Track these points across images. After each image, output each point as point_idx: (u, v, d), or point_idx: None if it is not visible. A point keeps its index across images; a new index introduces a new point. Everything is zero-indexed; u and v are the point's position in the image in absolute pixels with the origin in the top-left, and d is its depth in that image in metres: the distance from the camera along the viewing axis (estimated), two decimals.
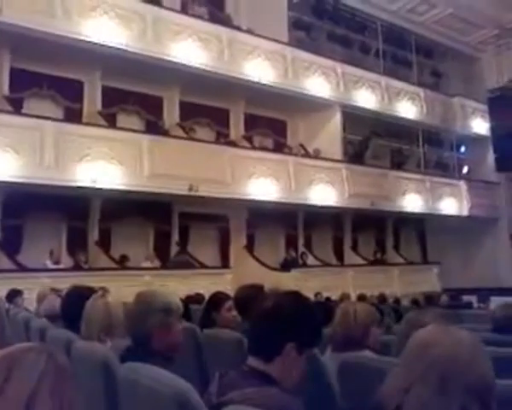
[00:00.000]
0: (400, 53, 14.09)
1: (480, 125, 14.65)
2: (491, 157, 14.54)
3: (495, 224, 14.03)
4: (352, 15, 12.88)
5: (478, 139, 14.62)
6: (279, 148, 11.49)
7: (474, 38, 14.61)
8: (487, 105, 14.51)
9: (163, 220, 9.54)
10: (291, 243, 11.21)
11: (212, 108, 10.54)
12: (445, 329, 1.11)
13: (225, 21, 10.65)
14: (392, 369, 1.14)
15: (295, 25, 11.82)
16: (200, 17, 10.11)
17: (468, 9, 13.18)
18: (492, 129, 14.45)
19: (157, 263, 9.11)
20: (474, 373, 1.03)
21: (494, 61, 14.80)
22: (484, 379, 1.04)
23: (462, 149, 14.99)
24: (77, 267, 8.14)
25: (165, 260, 9.30)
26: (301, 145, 11.74)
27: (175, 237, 9.64)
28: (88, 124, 8.56)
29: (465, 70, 15.20)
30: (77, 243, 8.59)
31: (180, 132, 9.63)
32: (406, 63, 14.17)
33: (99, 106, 9.08)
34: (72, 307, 2.63)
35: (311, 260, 11.04)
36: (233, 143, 10.25)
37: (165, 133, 9.44)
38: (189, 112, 10.09)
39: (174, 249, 9.57)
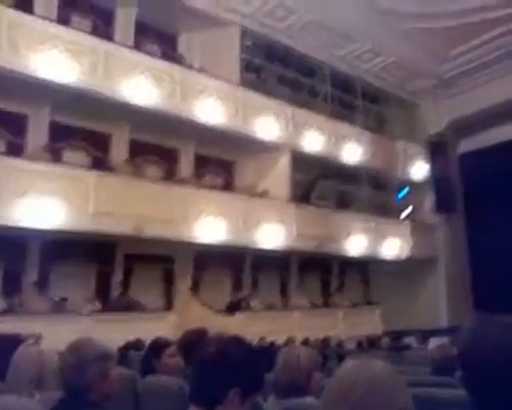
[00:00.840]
0: (347, 97, 14.63)
1: (421, 169, 15.31)
2: (429, 199, 15.23)
3: (434, 265, 14.58)
4: (302, 60, 13.33)
5: (418, 182, 15.26)
6: (228, 188, 11.54)
7: (414, 86, 15.43)
8: (427, 150, 15.28)
9: (106, 261, 9.28)
10: (237, 285, 11.17)
11: (162, 147, 10.50)
12: (361, 364, 1.10)
13: (178, 60, 10.77)
14: None
15: (247, 67, 12.07)
16: (152, 54, 10.18)
17: (410, 60, 14.01)
18: (431, 173, 15.18)
19: (98, 306, 8.78)
20: (394, 407, 1.03)
21: (433, 108, 15.65)
22: None
23: (404, 191, 15.56)
24: (10, 311, 7.62)
25: (106, 302, 9.00)
26: (250, 185, 11.85)
27: (118, 278, 9.38)
28: (30, 158, 8.22)
29: (407, 115, 15.98)
30: (11, 285, 8.11)
31: (128, 170, 9.51)
32: (352, 107, 14.73)
33: (45, 141, 8.85)
34: None
35: (257, 302, 11.02)
36: (182, 182, 10.19)
37: (113, 170, 9.29)
38: (139, 150, 9.99)
39: (116, 292, 9.31)
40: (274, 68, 12.84)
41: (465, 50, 13.46)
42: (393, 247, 13.55)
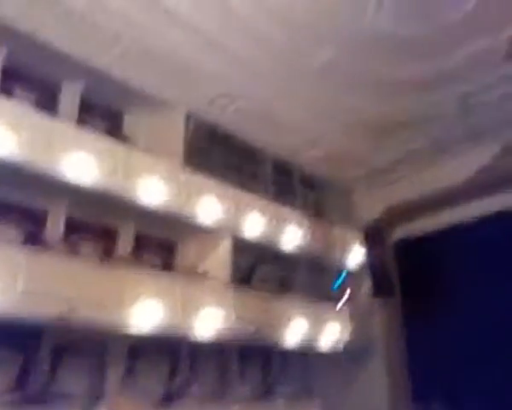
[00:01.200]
0: (287, 182, 15.06)
1: (358, 255, 15.68)
2: (367, 285, 15.50)
3: (373, 351, 14.59)
4: (245, 145, 13.67)
5: (356, 267, 15.57)
6: (168, 270, 11.21)
7: (350, 174, 16.17)
8: (362, 236, 15.76)
9: (32, 346, 8.49)
10: (174, 373, 10.55)
11: (100, 225, 10.15)
12: None
13: (122, 139, 10.70)
14: None
15: (189, 149, 12.17)
16: (96, 132, 10.06)
17: (346, 149, 14.79)
18: (367, 258, 15.57)
19: (19, 397, 7.94)
20: None
21: (368, 195, 16.36)
22: None
23: (342, 276, 15.79)
24: None
25: (29, 393, 8.14)
26: (191, 268, 11.58)
27: (44, 366, 8.56)
28: None
29: (344, 202, 16.59)
30: None
31: (63, 249, 9.01)
32: (292, 192, 15.13)
33: None
34: None
35: (195, 392, 10.44)
36: (119, 263, 9.77)
37: (47, 248, 8.77)
38: (75, 227, 9.58)
39: (41, 381, 8.46)
40: (217, 152, 13.06)
41: (399, 141, 14.42)
42: (333, 333, 13.47)
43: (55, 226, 9.35)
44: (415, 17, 9.94)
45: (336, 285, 15.45)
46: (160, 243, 11.41)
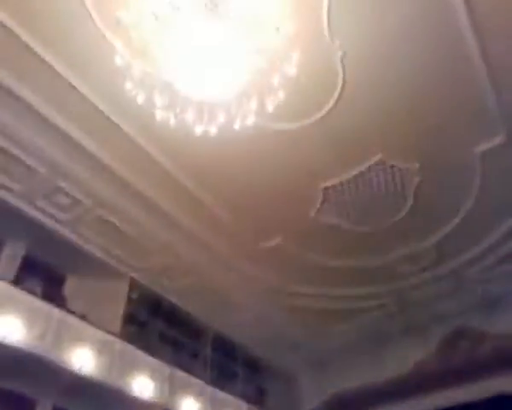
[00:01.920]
0: (228, 363, 14.46)
1: None
2: None
3: None
4: (187, 319, 13.33)
5: None
6: None
7: (294, 359, 15.77)
8: None
9: None
10: None
11: (15, 394, 9.12)
12: None
13: (59, 302, 10.26)
14: None
15: (130, 319, 11.75)
16: (31, 292, 9.62)
17: (290, 333, 14.68)
18: None
19: None
20: None
21: (310, 383, 15.84)
22: None
23: None
24: None
25: None
26: None
27: None
28: None
29: (286, 388, 15.92)
30: None
31: None
32: (233, 374, 14.46)
33: None
34: None
35: None
36: None
37: None
38: None
39: None
40: (157, 324, 12.64)
41: (344, 329, 14.51)
42: None
43: None
44: (353, 219, 10.90)
45: None
46: None
